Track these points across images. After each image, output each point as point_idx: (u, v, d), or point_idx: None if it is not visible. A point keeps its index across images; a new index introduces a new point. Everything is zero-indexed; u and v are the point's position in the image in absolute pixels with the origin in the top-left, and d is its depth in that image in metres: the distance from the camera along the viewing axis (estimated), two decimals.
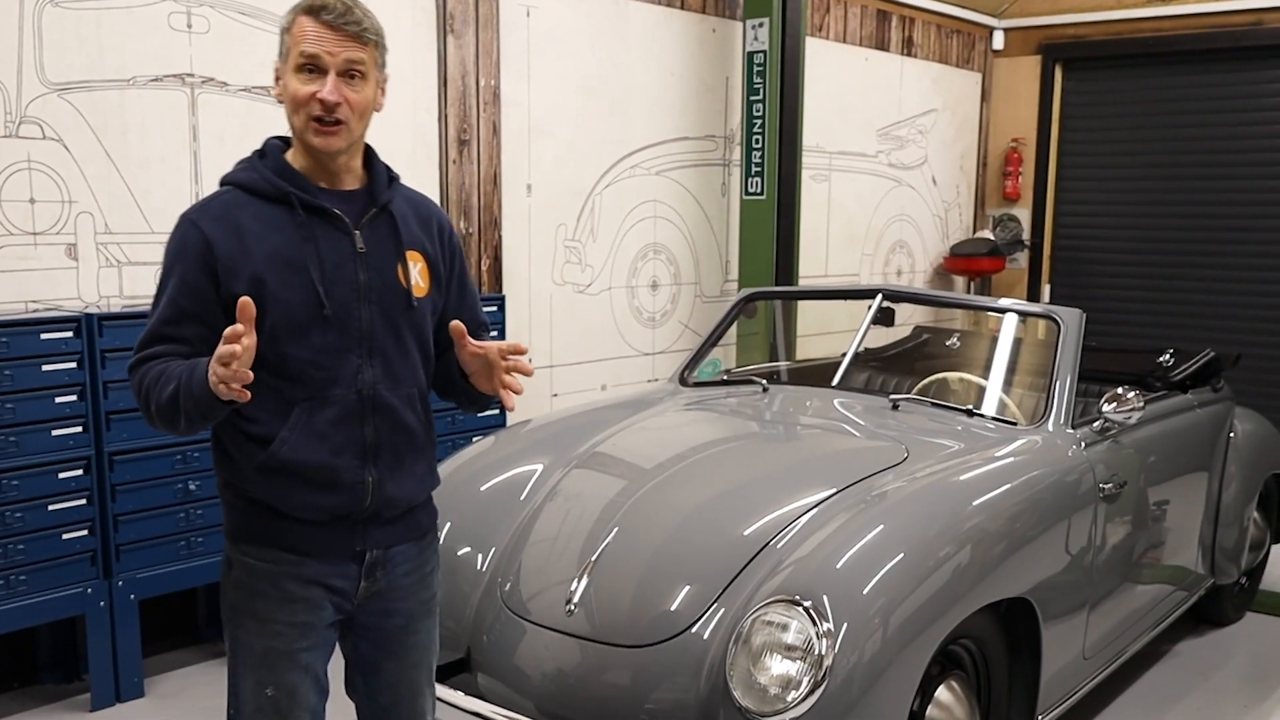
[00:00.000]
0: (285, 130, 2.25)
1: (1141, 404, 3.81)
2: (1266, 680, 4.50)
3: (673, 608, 2.87)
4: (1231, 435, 4.87)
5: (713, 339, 4.63)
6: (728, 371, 4.88)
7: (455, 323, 2.23)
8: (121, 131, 4.22)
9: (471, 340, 2.22)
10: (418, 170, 5.14)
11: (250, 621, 2.27)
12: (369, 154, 2.33)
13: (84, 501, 3.93)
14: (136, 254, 4.27)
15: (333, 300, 2.18)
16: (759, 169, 6.49)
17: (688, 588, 2.90)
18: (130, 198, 4.26)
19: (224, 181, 2.26)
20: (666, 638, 2.82)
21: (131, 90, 4.24)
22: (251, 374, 1.95)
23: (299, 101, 2.15)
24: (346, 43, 2.15)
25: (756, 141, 6.48)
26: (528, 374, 2.24)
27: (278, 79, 2.22)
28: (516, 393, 2.22)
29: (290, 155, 2.26)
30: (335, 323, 2.19)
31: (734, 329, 5.01)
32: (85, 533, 3.95)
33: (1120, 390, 3.83)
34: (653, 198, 6.40)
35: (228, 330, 1.92)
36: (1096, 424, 3.83)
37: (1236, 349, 5.54)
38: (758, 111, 6.46)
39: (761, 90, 6.43)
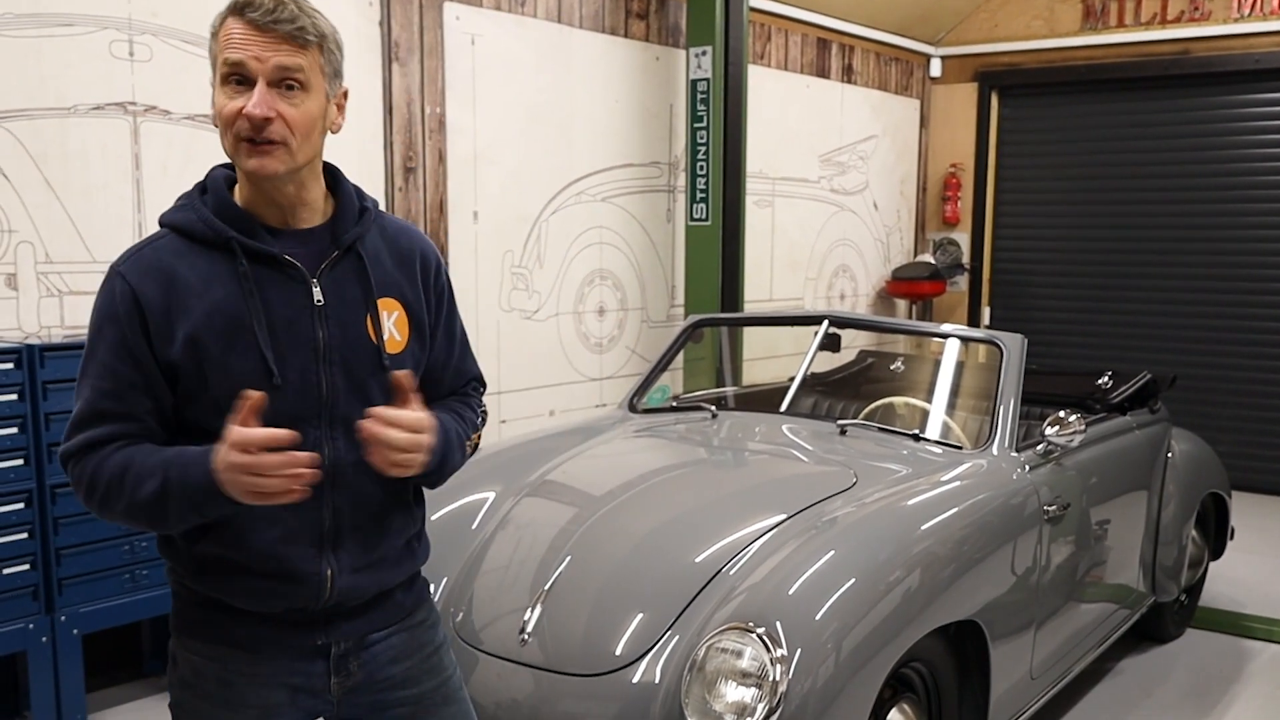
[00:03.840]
0: (226, 160, 1.90)
1: (1083, 427, 3.88)
2: (1207, 695, 4.58)
3: (627, 636, 2.87)
4: (1169, 455, 4.97)
5: (661, 365, 4.65)
6: (676, 398, 4.90)
7: (397, 373, 1.86)
8: (62, 160, 4.17)
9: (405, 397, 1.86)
10: None
11: None
12: (335, 179, 1.97)
13: (25, 535, 3.86)
14: (78, 283, 4.21)
15: (284, 366, 1.84)
16: (703, 195, 6.54)
17: (641, 615, 2.91)
18: (71, 226, 4.21)
19: (160, 222, 1.91)
20: (621, 666, 2.82)
21: (72, 119, 4.19)
22: (307, 472, 1.71)
23: (226, 119, 1.78)
24: (277, 45, 1.76)
25: (701, 168, 6.54)
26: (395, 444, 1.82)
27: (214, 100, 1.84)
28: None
29: (238, 189, 1.90)
30: (288, 392, 1.83)
31: (680, 354, 5.03)
32: (27, 567, 3.87)
33: (1062, 414, 3.89)
34: (599, 224, 6.43)
35: (235, 435, 1.67)
36: (1040, 447, 3.89)
37: (1172, 370, 5.66)
38: (701, 138, 6.52)
39: (705, 117, 6.49)
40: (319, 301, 1.87)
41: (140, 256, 1.86)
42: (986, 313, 9.23)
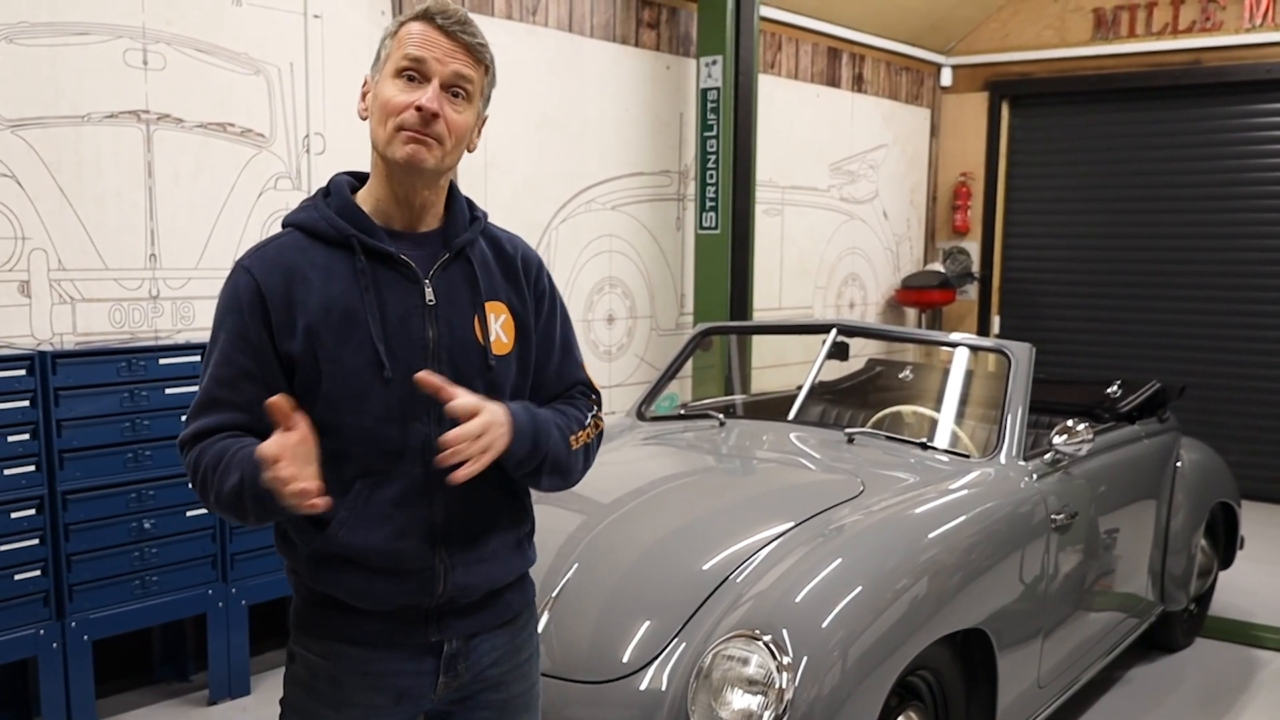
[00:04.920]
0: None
1: (1091, 436, 3.88)
2: (1216, 704, 4.57)
3: (634, 643, 2.87)
4: (1178, 465, 4.96)
5: (670, 373, 4.66)
6: (685, 406, 4.91)
7: (422, 373, 1.83)
8: (76, 167, 4.20)
9: (455, 400, 1.83)
10: None
11: None
12: (450, 188, 2.04)
13: (36, 541, 3.88)
14: (90, 290, 4.24)
15: (395, 360, 1.88)
16: (713, 204, 6.56)
17: (648, 623, 2.92)
18: (84, 234, 4.23)
19: (285, 222, 1.99)
20: (628, 673, 2.82)
21: (86, 126, 4.22)
22: (318, 484, 1.72)
23: (390, 109, 1.86)
24: (459, 54, 1.88)
25: (711, 176, 6.56)
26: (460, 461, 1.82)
27: (364, 94, 1.93)
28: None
29: (362, 194, 1.98)
30: (398, 386, 1.88)
31: (689, 362, 5.04)
32: (38, 573, 3.90)
33: (1070, 423, 3.90)
34: (608, 232, 6.44)
35: (262, 448, 1.69)
36: (1048, 456, 3.89)
37: (1181, 379, 5.65)
38: (711, 147, 6.54)
39: (715, 126, 6.51)
40: (430, 301, 1.93)
41: (264, 252, 1.94)
42: (996, 321, 9.22)
